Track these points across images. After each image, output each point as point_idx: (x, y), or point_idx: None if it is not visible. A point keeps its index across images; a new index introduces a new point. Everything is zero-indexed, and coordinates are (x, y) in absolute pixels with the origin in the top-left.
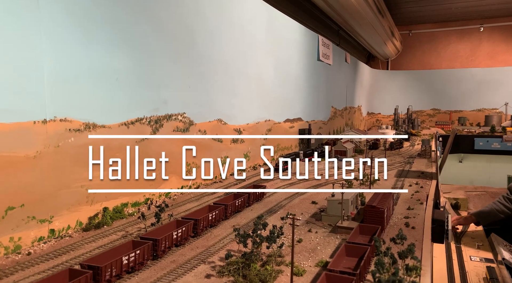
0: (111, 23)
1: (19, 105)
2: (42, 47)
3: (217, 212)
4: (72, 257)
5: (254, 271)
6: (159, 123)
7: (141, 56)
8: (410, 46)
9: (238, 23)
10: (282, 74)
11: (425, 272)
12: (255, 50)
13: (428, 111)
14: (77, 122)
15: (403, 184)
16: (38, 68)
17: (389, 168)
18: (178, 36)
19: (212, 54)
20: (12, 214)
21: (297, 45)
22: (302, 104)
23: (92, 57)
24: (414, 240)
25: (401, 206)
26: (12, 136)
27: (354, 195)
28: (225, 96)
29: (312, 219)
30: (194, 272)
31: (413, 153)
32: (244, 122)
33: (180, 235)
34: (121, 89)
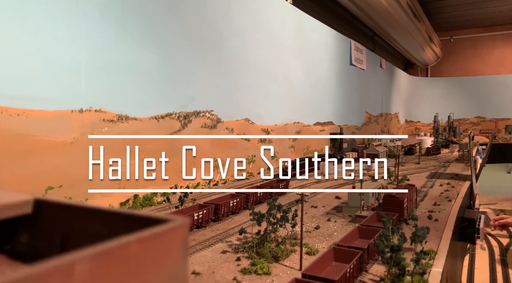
0: (143, 22)
1: (58, 94)
2: (80, 42)
3: (239, 199)
4: None
5: (268, 249)
6: (187, 119)
7: (171, 54)
8: (451, 52)
9: (266, 25)
10: (312, 77)
11: (439, 257)
12: (283, 51)
13: (472, 119)
14: (110, 114)
15: (433, 184)
16: (75, 62)
17: (422, 171)
18: (206, 36)
19: (239, 55)
20: (51, 193)
21: (328, 48)
22: (333, 108)
23: (125, 53)
24: (435, 231)
25: (427, 202)
26: (51, 122)
27: (376, 186)
28: (253, 96)
29: (333, 211)
30: (212, 249)
31: (451, 158)
32: (272, 123)
33: (201, 217)
34: (151, 85)
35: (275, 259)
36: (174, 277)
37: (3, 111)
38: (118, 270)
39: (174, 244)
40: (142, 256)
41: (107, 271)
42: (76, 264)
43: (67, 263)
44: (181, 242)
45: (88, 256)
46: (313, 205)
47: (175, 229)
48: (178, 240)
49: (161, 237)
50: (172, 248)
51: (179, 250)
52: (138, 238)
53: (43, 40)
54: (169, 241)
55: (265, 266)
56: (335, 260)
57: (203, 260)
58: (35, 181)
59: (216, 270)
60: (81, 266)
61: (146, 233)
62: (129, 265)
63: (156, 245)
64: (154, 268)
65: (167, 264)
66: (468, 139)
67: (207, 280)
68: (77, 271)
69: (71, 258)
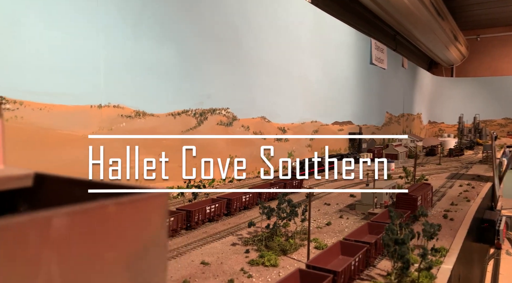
0: (160, 21)
1: (78, 90)
2: (99, 40)
3: (251, 195)
4: None
5: (277, 242)
6: (203, 116)
7: (188, 52)
8: (477, 51)
9: (283, 24)
10: (330, 76)
11: (451, 254)
12: (300, 51)
13: (499, 121)
14: (128, 109)
15: (452, 184)
16: (95, 59)
17: (442, 171)
18: (223, 36)
19: (256, 53)
20: None
21: (347, 47)
22: (352, 107)
23: (143, 51)
24: (449, 229)
25: (444, 202)
26: (71, 117)
27: (390, 185)
28: (269, 94)
29: (346, 208)
30: (222, 241)
31: (475, 160)
32: (288, 122)
33: (213, 210)
34: (169, 82)
35: (284, 252)
36: (154, 241)
37: (26, 106)
38: (96, 227)
39: (153, 211)
40: (120, 219)
41: (84, 227)
42: (53, 218)
43: (45, 217)
44: (161, 210)
45: (65, 212)
46: (326, 202)
47: (154, 197)
48: (158, 208)
49: (140, 203)
50: (151, 214)
51: (159, 217)
52: (116, 202)
53: (64, 38)
54: (149, 208)
55: (272, 258)
56: (342, 253)
57: (212, 251)
58: (56, 173)
59: (224, 261)
60: (58, 221)
61: (124, 198)
62: (107, 224)
63: (135, 210)
64: (134, 231)
65: (147, 229)
66: (491, 140)
67: (215, 270)
68: (54, 224)
69: (49, 213)
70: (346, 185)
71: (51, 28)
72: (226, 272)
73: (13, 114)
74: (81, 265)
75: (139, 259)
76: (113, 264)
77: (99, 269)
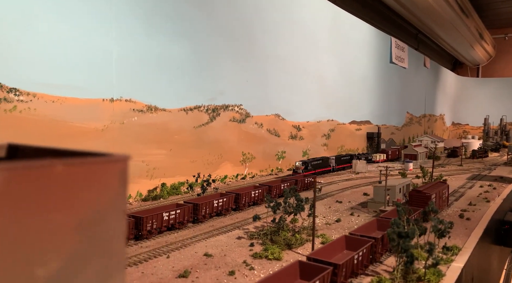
0: (173, 17)
1: (90, 84)
2: (112, 35)
3: (261, 190)
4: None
5: (283, 237)
6: (216, 112)
7: (201, 48)
8: (505, 50)
9: (299, 21)
10: (348, 74)
11: (463, 253)
12: (316, 48)
13: None
14: (140, 104)
15: (473, 185)
16: (107, 53)
17: (464, 172)
18: (236, 32)
19: (270, 50)
20: None
21: (366, 45)
22: (370, 107)
23: (155, 47)
24: (464, 229)
25: (462, 202)
26: (84, 110)
27: (404, 183)
28: (283, 92)
29: (358, 206)
30: (228, 234)
31: (499, 162)
32: (303, 120)
33: (221, 204)
34: (181, 78)
35: (289, 247)
36: (112, 207)
37: (39, 98)
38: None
39: (111, 176)
40: (70, 180)
41: (27, 184)
42: None
43: None
44: (120, 176)
45: (5, 168)
46: (338, 200)
47: (112, 162)
48: (115, 173)
49: (95, 167)
50: (109, 179)
51: (117, 183)
52: (64, 162)
53: (76, 32)
54: (106, 173)
55: (276, 252)
56: (346, 248)
57: (217, 244)
58: None
59: (228, 253)
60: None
61: (74, 160)
62: (54, 185)
63: (89, 174)
64: (87, 195)
65: (104, 194)
66: None
67: (218, 261)
68: None
69: None
70: (361, 184)
71: (63, 23)
72: (229, 264)
73: (26, 106)
74: (21, 222)
75: (93, 224)
76: (62, 225)
77: (44, 229)
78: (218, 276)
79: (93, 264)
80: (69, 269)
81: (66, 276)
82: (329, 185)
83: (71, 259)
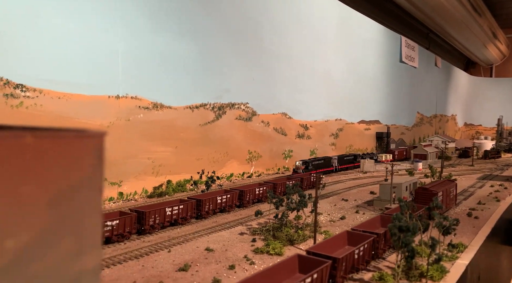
0: (179, 14)
1: (96, 80)
2: (117, 32)
3: (265, 188)
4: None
5: (285, 233)
6: (222, 110)
7: (206, 46)
8: None
9: (306, 20)
10: (356, 73)
11: (469, 251)
12: (324, 47)
13: None
14: (146, 101)
15: (483, 185)
16: (112, 51)
17: (475, 172)
18: (243, 30)
19: (277, 49)
20: None
21: (375, 44)
22: (380, 106)
23: (161, 44)
24: (472, 227)
25: (471, 201)
26: (89, 106)
27: (411, 181)
28: (290, 91)
29: (364, 204)
30: (230, 230)
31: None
32: (311, 119)
33: (224, 201)
34: (186, 75)
35: (291, 243)
36: (86, 183)
37: (45, 94)
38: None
39: (86, 151)
40: (41, 153)
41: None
42: None
43: None
44: (94, 151)
45: None
46: (344, 198)
47: (88, 137)
48: (90, 149)
49: (68, 141)
50: (83, 154)
51: (92, 159)
52: (34, 134)
53: (82, 29)
54: (80, 147)
55: (277, 247)
56: (348, 244)
57: (219, 239)
58: None
59: (229, 248)
60: None
61: (45, 132)
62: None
63: (62, 147)
64: (59, 169)
65: (78, 169)
66: None
67: (219, 256)
68: None
69: None
70: (368, 183)
71: (69, 20)
72: (229, 259)
73: (33, 102)
74: None
75: (66, 199)
76: (32, 199)
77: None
78: (218, 270)
79: (66, 240)
80: (40, 243)
81: (37, 250)
82: (336, 183)
83: (43, 234)
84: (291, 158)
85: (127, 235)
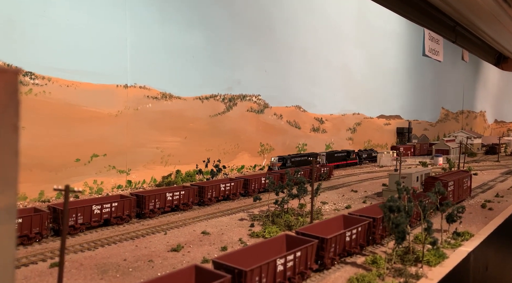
0: (188, 5)
1: (105, 69)
2: (126, 22)
3: (272, 177)
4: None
5: (284, 219)
6: (232, 102)
7: (216, 37)
8: None
9: (322, 11)
10: (376, 66)
11: (474, 239)
12: (341, 39)
13: None
14: (155, 91)
15: (505, 179)
16: (121, 40)
17: (499, 168)
18: (254, 21)
19: (291, 40)
20: (96, 160)
21: (396, 37)
22: (401, 101)
23: (170, 35)
24: (484, 217)
25: (489, 194)
26: (98, 95)
27: (423, 171)
28: (305, 83)
29: (373, 195)
30: (231, 216)
31: None
32: (326, 112)
33: (228, 189)
34: (196, 66)
35: (289, 228)
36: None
37: (54, 82)
38: None
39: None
40: None
41: None
42: None
43: None
44: (6, 88)
45: None
46: (353, 189)
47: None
48: (1, 85)
49: None
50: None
51: (3, 95)
52: None
53: (92, 18)
54: None
55: (274, 231)
56: (344, 227)
57: (217, 224)
58: (82, 148)
59: (226, 232)
60: None
61: None
62: None
63: None
64: None
65: None
66: None
67: (213, 239)
68: None
69: None
70: (382, 176)
71: (78, 9)
72: (224, 241)
73: (42, 90)
74: None
75: None
76: None
77: None
78: (210, 251)
79: None
80: None
81: None
82: (348, 176)
83: None
84: (305, 151)
85: (126, 218)
